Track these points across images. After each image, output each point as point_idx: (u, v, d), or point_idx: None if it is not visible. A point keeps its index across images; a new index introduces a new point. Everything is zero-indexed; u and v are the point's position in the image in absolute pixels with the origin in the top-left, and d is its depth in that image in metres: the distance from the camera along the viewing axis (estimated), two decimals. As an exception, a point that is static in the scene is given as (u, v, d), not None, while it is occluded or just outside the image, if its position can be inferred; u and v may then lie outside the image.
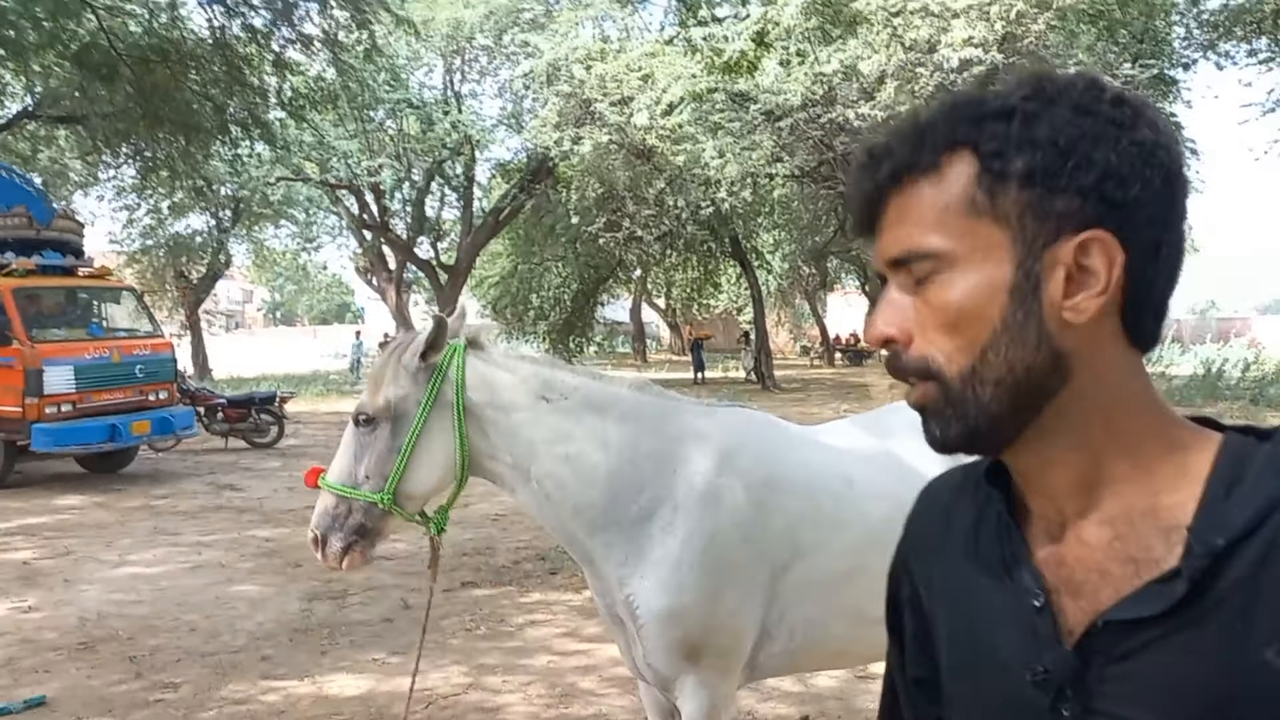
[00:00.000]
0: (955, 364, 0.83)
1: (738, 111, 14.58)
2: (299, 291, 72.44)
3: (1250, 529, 0.77)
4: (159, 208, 30.32)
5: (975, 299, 0.82)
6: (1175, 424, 0.87)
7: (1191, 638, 0.77)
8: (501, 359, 2.75)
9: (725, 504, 2.59)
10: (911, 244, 0.84)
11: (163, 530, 9.13)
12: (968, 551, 0.96)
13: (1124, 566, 0.82)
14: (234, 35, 14.86)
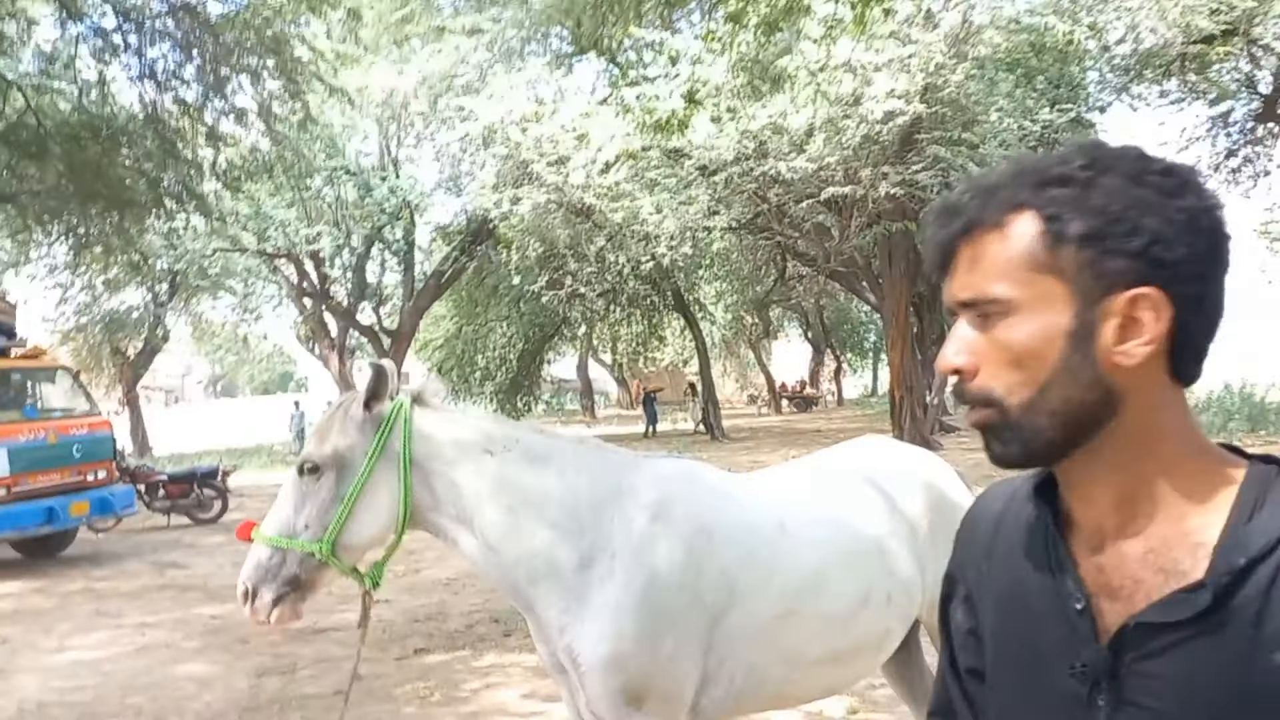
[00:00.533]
0: (1016, 396, 0.98)
1: (673, 168, 14.83)
2: (239, 362, 71.43)
3: (1266, 551, 0.90)
4: (93, 284, 29.85)
5: (1036, 341, 0.96)
6: (1208, 452, 1.00)
7: (1211, 641, 0.90)
8: (447, 413, 2.82)
9: (661, 552, 2.65)
10: (980, 290, 0.99)
11: (104, 613, 8.91)
12: (1016, 557, 1.09)
13: (1155, 576, 0.95)
14: (165, 110, 14.79)
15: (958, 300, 1.01)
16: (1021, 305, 0.96)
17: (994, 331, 0.98)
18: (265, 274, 27.56)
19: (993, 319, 0.98)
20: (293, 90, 14.72)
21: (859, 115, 12.78)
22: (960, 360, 1.01)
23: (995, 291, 0.97)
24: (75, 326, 31.90)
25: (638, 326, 30.40)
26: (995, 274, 0.97)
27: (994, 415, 0.99)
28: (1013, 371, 0.97)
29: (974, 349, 1.00)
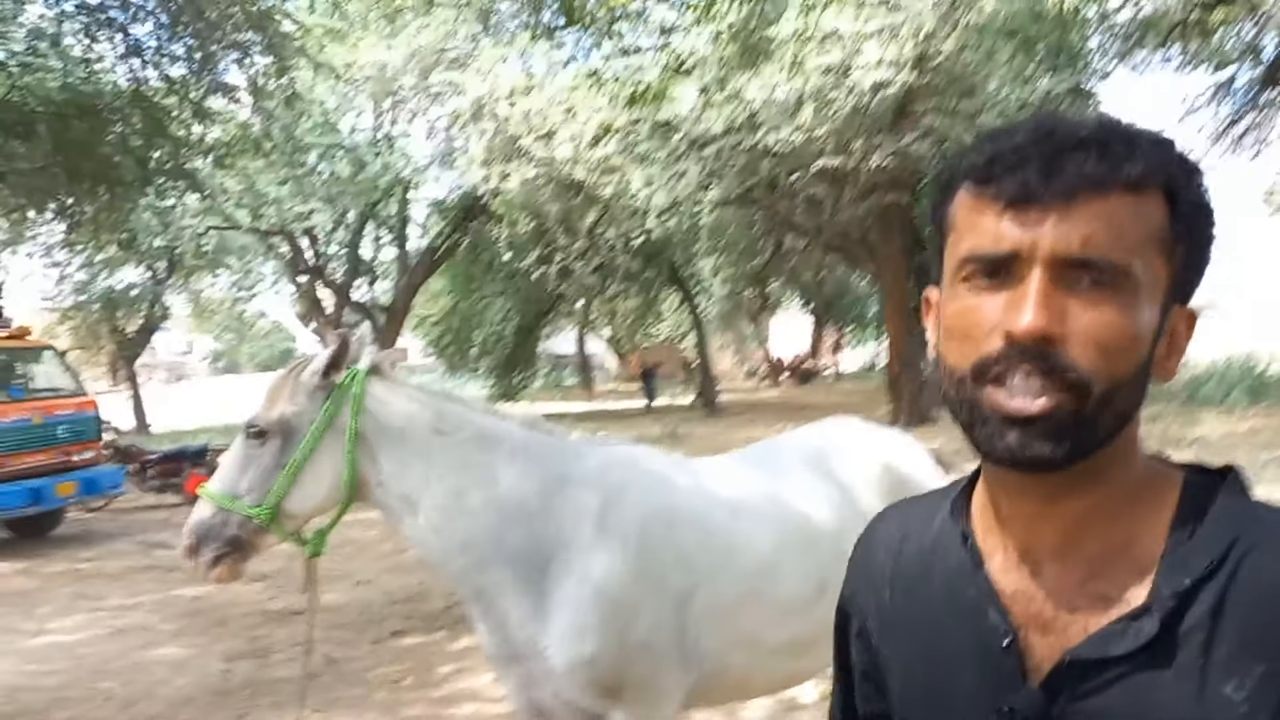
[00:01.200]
0: (1100, 386, 0.82)
1: (663, 141, 14.66)
2: (240, 340, 71.44)
3: (1211, 571, 0.82)
4: (91, 263, 29.80)
5: (1142, 331, 0.84)
6: (1150, 463, 0.92)
7: (1156, 675, 0.81)
8: (400, 388, 2.75)
9: (615, 540, 2.60)
10: (1114, 255, 0.83)
11: (85, 595, 8.87)
12: (926, 587, 0.97)
13: (1094, 603, 0.86)
14: (152, 87, 14.66)
15: (1070, 254, 0.82)
16: (1140, 288, 0.83)
17: (1099, 305, 0.82)
18: (261, 252, 27.44)
19: (1101, 292, 0.82)
20: (279, 66, 14.57)
21: (847, 86, 12.59)
22: (1056, 325, 0.82)
23: (1129, 262, 0.83)
24: (74, 305, 31.89)
25: (634, 301, 30.27)
26: (1131, 242, 0.83)
27: (1070, 402, 0.82)
28: (1106, 358, 0.82)
29: (1065, 316, 0.82)
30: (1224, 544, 0.83)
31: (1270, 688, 0.78)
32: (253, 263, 30.22)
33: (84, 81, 14.73)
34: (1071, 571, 0.88)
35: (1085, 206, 0.82)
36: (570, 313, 32.80)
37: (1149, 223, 0.84)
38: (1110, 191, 0.83)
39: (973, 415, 0.86)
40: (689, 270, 27.10)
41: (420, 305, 29.26)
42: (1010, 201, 0.84)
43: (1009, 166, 0.85)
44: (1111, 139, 0.85)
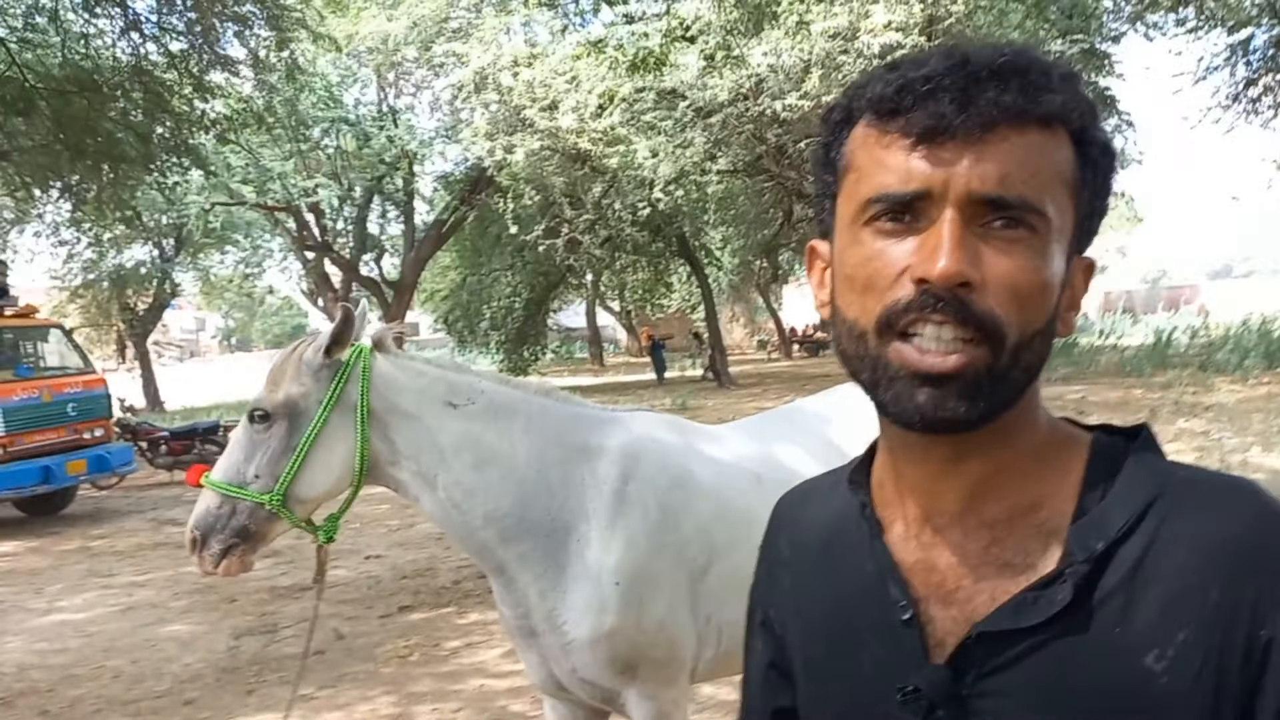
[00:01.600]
0: (1013, 337, 0.76)
1: (668, 110, 14.48)
2: (251, 316, 71.52)
3: (1126, 532, 0.76)
4: (99, 241, 29.79)
5: (1053, 279, 0.77)
6: (1058, 423, 0.86)
7: (1070, 645, 0.75)
8: (407, 362, 2.66)
9: (635, 512, 2.53)
10: (1030, 194, 0.75)
11: (96, 572, 8.87)
12: (826, 565, 0.91)
13: (1000, 571, 0.79)
14: (152, 62, 14.54)
15: (986, 192, 0.74)
16: (1052, 232, 0.76)
17: (1018, 249, 0.75)
18: (268, 228, 27.37)
19: (1014, 234, 0.75)
20: (280, 39, 14.43)
21: (855, 50, 12.39)
22: (973, 270, 0.74)
23: (1045, 204, 0.75)
24: (83, 283, 31.91)
25: (643, 274, 30.11)
26: (1046, 182, 0.76)
27: (984, 357, 0.75)
28: (1018, 306, 0.75)
29: (979, 261, 0.75)
30: (1140, 504, 0.77)
31: (1193, 656, 0.72)
32: (260, 239, 30.16)
33: (83, 57, 14.62)
34: (974, 538, 0.81)
35: (1002, 141, 0.75)
36: (579, 285, 32.68)
37: (1060, 162, 0.77)
38: (1027, 126, 0.75)
39: (877, 374, 0.78)
40: (698, 241, 26.92)
41: (428, 280, 29.18)
42: (921, 135, 0.76)
43: (920, 97, 0.76)
44: (1029, 68, 0.77)
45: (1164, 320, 32.06)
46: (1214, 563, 0.73)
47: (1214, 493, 0.78)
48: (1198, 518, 0.75)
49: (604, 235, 19.97)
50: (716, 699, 4.85)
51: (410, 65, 20.47)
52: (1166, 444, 7.04)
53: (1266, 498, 0.77)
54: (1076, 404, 15.73)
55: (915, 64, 0.79)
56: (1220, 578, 0.73)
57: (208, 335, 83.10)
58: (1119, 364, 22.07)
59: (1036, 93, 0.76)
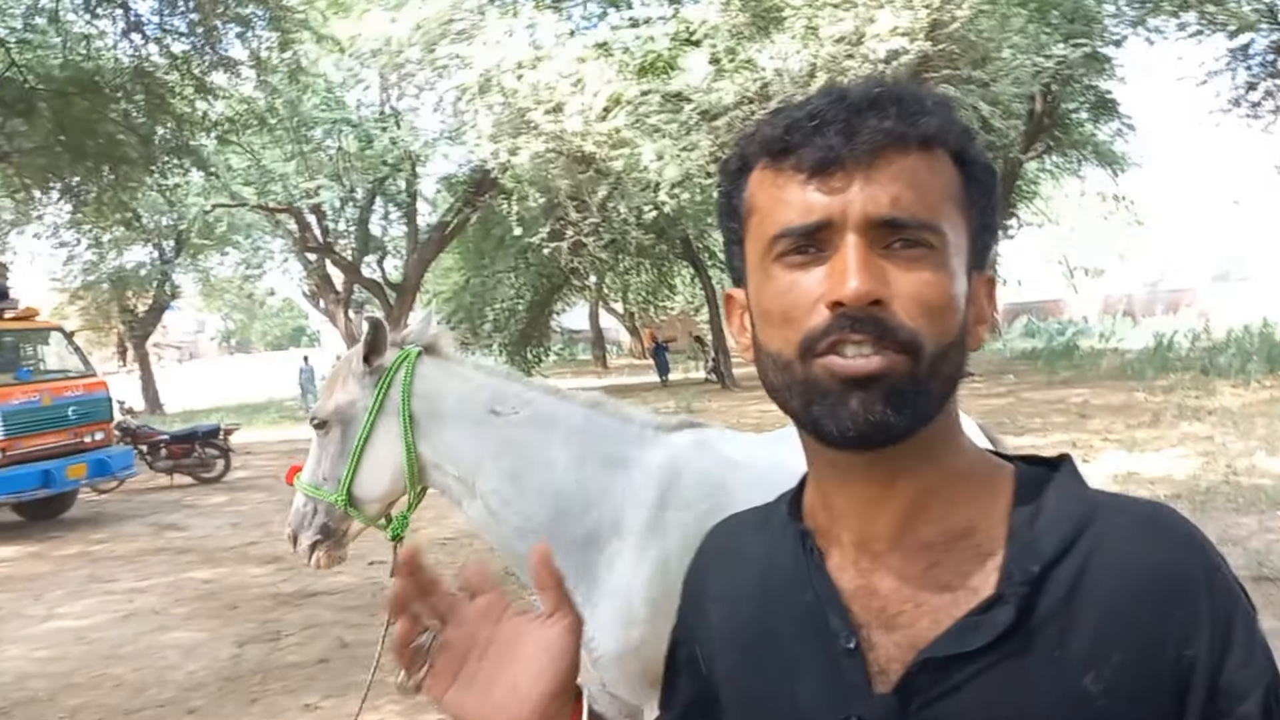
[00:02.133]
0: (929, 349, 0.78)
1: (674, 113, 14.42)
2: (251, 318, 71.48)
3: (1058, 556, 0.79)
4: (99, 242, 29.77)
5: (958, 292, 0.80)
6: (981, 451, 0.89)
7: (1012, 669, 0.77)
8: (456, 368, 2.71)
9: (672, 532, 2.51)
10: (922, 213, 0.79)
11: (97, 578, 8.81)
12: (757, 598, 0.92)
13: (940, 595, 0.81)
14: (153, 63, 14.49)
15: (880, 215, 0.77)
16: (949, 246, 0.80)
17: (914, 267, 0.78)
18: (269, 229, 27.32)
19: (913, 253, 0.78)
20: (283, 40, 14.39)
21: (861, 55, 12.34)
22: (881, 288, 0.77)
23: (938, 220, 0.79)
24: (83, 285, 31.88)
25: (647, 276, 30.06)
26: (936, 200, 0.80)
27: (905, 364, 0.77)
28: (930, 320, 0.78)
29: (884, 279, 0.78)
30: (1070, 530, 0.80)
31: (1127, 677, 0.76)
32: (260, 241, 30.11)
33: (84, 58, 14.59)
34: (912, 561, 0.83)
35: (888, 165, 0.79)
36: (583, 287, 32.62)
37: (946, 182, 0.81)
38: (909, 148, 0.79)
39: (809, 393, 0.80)
40: (701, 244, 26.87)
41: (431, 281, 29.12)
42: (813, 169, 0.79)
43: (807, 133, 0.80)
44: (905, 97, 0.81)
45: (1165, 323, 32.02)
46: (1142, 588, 0.77)
47: (1140, 521, 0.81)
48: (1126, 545, 0.79)
49: (608, 238, 19.92)
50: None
51: (413, 67, 20.41)
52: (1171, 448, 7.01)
53: (1186, 526, 0.82)
54: (1079, 408, 15.67)
55: (799, 105, 0.83)
56: (1148, 602, 0.77)
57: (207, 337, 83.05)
58: (1120, 367, 22.02)
59: (913, 117, 0.79)
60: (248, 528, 10.85)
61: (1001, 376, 22.95)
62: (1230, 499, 8.10)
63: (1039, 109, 21.18)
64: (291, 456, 17.65)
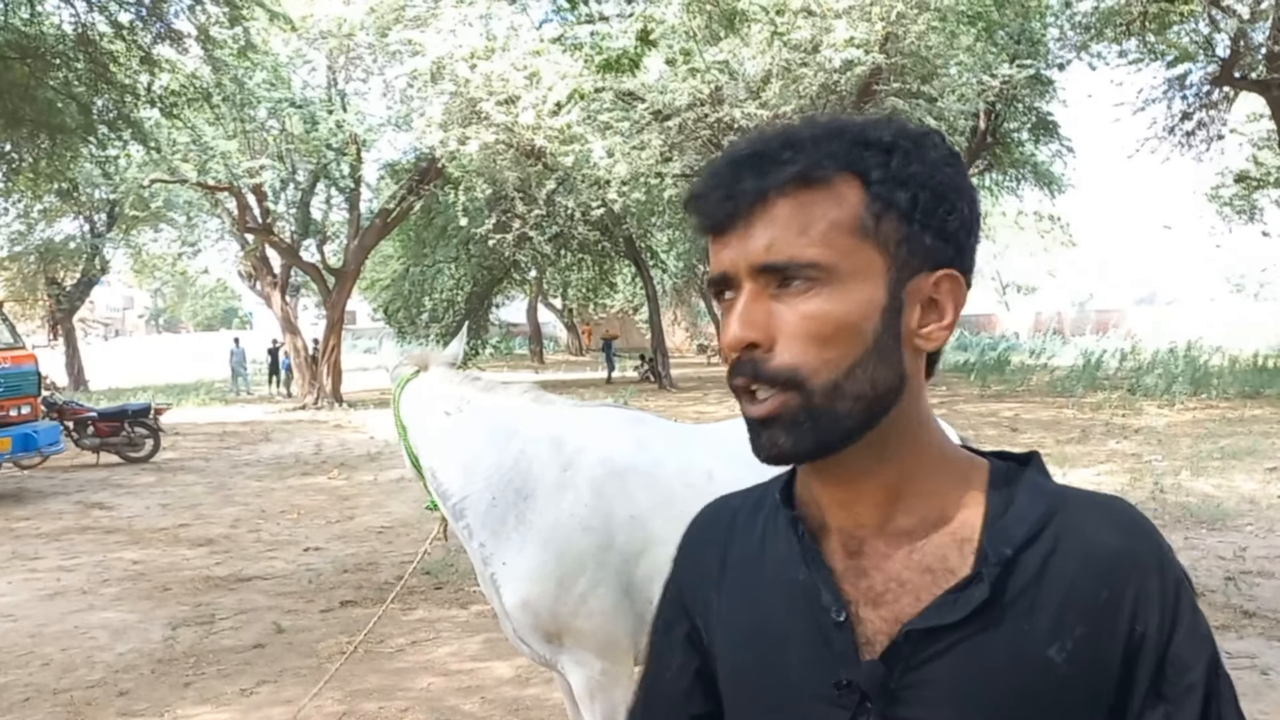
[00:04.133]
0: (820, 377, 0.86)
1: (626, 111, 14.44)
2: (182, 297, 69.84)
3: (1028, 541, 0.88)
4: (28, 213, 28.86)
5: (855, 315, 0.86)
6: (955, 448, 0.96)
7: (985, 640, 0.86)
8: (431, 382, 3.22)
9: (568, 496, 2.85)
10: (796, 253, 0.86)
11: (20, 555, 8.58)
12: (755, 576, 0.99)
13: (922, 576, 0.90)
14: (98, 31, 14.10)
15: (757, 263, 0.87)
16: (841, 275, 0.87)
17: (801, 302, 0.86)
18: (206, 207, 26.74)
19: (801, 288, 0.87)
20: (232, 15, 14.10)
21: (817, 63, 12.48)
22: (755, 333, 0.87)
23: (817, 256, 0.86)
24: (9, 255, 30.92)
25: (588, 272, 30.02)
26: (815, 237, 0.86)
27: (793, 400, 0.87)
28: (820, 349, 0.86)
29: (770, 321, 0.87)
30: (1038, 517, 0.89)
31: (1087, 648, 0.86)
32: (197, 218, 29.45)
33: (26, 23, 14.14)
34: (894, 546, 0.92)
35: (759, 217, 0.87)
36: (523, 281, 32.46)
37: (834, 212, 0.87)
38: (772, 199, 0.87)
39: (747, 422, 0.91)
40: (645, 243, 26.93)
41: (370, 268, 28.74)
42: (712, 231, 0.91)
43: (702, 204, 0.91)
44: (771, 149, 0.88)
45: (1093, 343, 32.86)
46: (1102, 570, 0.87)
47: (1099, 510, 0.91)
48: (1088, 532, 0.89)
49: (553, 232, 19.85)
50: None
51: (363, 50, 20.14)
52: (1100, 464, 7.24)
53: (1140, 517, 0.92)
54: (1010, 422, 16.05)
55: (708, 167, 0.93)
56: (1107, 582, 0.87)
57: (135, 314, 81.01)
58: (1050, 384, 22.57)
59: (777, 168, 0.87)
60: (178, 509, 10.65)
61: (933, 388, 23.38)
62: (1157, 516, 8.34)
63: (983, 127, 21.60)
64: (222, 439, 17.35)
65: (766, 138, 0.91)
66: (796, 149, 0.88)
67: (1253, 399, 18.26)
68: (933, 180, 0.89)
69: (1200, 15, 18.85)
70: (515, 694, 5.06)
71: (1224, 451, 11.79)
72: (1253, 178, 25.67)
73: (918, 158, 0.89)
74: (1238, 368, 22.52)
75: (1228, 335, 29.59)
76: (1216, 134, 23.28)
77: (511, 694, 5.07)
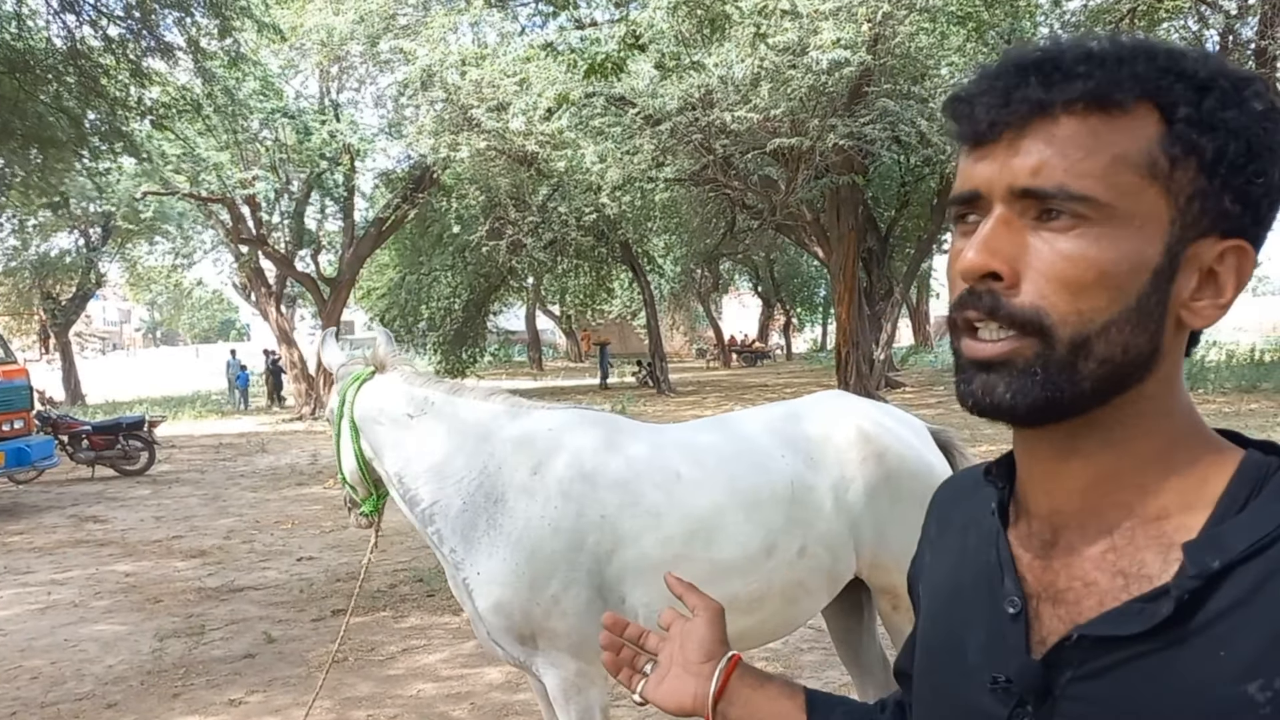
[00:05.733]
0: (1069, 327, 0.75)
1: (617, 116, 14.44)
2: (179, 310, 69.85)
3: (1250, 553, 0.73)
4: (23, 227, 28.86)
5: (1123, 267, 0.75)
6: (1204, 436, 0.82)
7: (1168, 661, 0.73)
8: (391, 382, 3.17)
9: (538, 499, 2.86)
10: (1069, 181, 0.74)
11: (12, 569, 8.55)
12: (957, 548, 0.94)
13: (1113, 579, 0.78)
14: (88, 45, 14.10)
15: (1020, 185, 0.76)
16: (1117, 217, 0.74)
17: (1063, 239, 0.75)
18: (200, 219, 26.73)
19: (1066, 223, 0.75)
20: (222, 27, 14.09)
21: (804, 65, 12.49)
22: (999, 263, 0.76)
23: (1094, 189, 0.74)
24: (4, 270, 30.91)
25: (586, 278, 30.01)
26: (1098, 167, 0.74)
27: (1032, 347, 0.76)
28: (1076, 297, 0.75)
29: (1020, 252, 0.76)
30: (1272, 526, 0.73)
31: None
32: (191, 230, 29.44)
33: (15, 37, 14.13)
34: (1090, 542, 0.81)
35: (1037, 133, 0.76)
36: (520, 288, 32.43)
37: (1124, 144, 0.75)
38: (1061, 113, 0.75)
39: (956, 364, 0.81)
40: (641, 248, 26.92)
41: (365, 277, 28.72)
42: (972, 141, 0.80)
43: (970, 105, 0.80)
44: (1064, 58, 0.76)
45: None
46: None
47: None
48: None
49: (548, 238, 19.84)
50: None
51: (354, 60, 20.15)
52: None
53: None
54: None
55: (979, 73, 0.82)
56: None
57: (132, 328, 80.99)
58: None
59: (1068, 80, 0.75)
60: (172, 521, 10.63)
61: (932, 387, 23.37)
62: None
63: (975, 127, 21.63)
64: (218, 451, 17.32)
65: (1062, 46, 0.78)
66: (1095, 63, 0.76)
67: (1249, 393, 18.25)
68: (1248, 132, 0.75)
69: (1189, 12, 18.87)
70: (505, 699, 5.03)
71: (1220, 447, 11.77)
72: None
73: (1235, 102, 0.75)
74: (1234, 362, 22.51)
75: (1226, 330, 29.60)
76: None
77: (501, 699, 5.04)
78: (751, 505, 2.97)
